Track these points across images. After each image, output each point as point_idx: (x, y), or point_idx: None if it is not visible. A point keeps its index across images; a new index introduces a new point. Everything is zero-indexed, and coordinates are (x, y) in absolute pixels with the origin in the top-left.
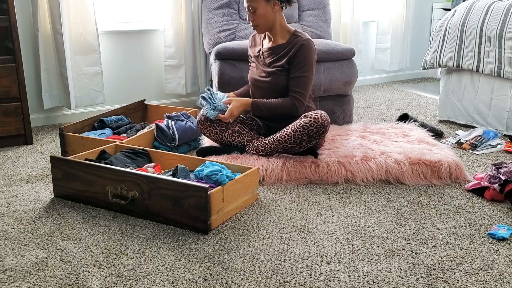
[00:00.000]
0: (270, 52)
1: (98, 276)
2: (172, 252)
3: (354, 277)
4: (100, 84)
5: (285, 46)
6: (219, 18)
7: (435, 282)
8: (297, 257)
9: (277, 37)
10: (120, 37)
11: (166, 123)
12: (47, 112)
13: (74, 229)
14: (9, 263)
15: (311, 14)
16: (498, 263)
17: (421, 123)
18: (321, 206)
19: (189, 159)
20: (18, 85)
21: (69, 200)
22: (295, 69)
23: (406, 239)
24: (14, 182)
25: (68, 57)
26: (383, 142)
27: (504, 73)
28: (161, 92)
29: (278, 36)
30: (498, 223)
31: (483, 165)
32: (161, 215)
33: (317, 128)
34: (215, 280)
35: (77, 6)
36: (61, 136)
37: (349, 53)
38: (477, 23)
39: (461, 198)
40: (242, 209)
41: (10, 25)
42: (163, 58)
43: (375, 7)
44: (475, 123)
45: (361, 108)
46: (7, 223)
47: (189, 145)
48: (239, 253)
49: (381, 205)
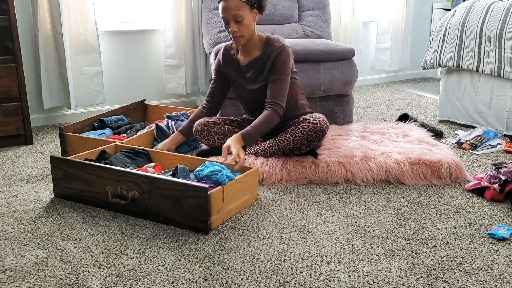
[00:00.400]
0: (249, 67)
1: (98, 276)
2: (172, 252)
3: (354, 277)
4: (100, 84)
5: (261, 57)
6: (219, 18)
7: (435, 282)
8: (297, 257)
9: (252, 49)
10: (120, 37)
11: (166, 123)
12: (47, 112)
13: (74, 229)
14: (9, 263)
15: (311, 14)
16: (498, 263)
17: (421, 123)
18: (321, 206)
19: (189, 159)
20: (18, 85)
21: (69, 200)
22: (272, 74)
23: (406, 239)
24: (14, 182)
25: (68, 57)
26: (383, 142)
27: (504, 73)
28: (161, 92)
29: (253, 47)
30: (498, 223)
31: (483, 165)
32: (161, 215)
33: (316, 133)
34: (215, 280)
35: (77, 6)
36: (61, 136)
37: (349, 53)
38: (477, 23)
39: (461, 198)
40: (242, 209)
41: (10, 25)
42: (163, 58)
43: (375, 7)
44: (475, 123)
45: (361, 108)
46: (7, 223)
47: (189, 145)
48: (239, 253)
49: (381, 205)
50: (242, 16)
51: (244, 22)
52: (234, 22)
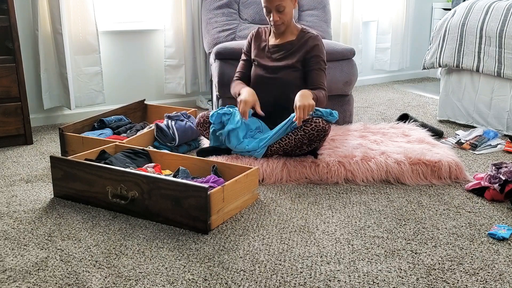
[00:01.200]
0: (279, 48)
1: (98, 276)
2: (172, 252)
3: (354, 277)
4: (100, 84)
5: (295, 43)
6: (219, 18)
7: (435, 282)
8: (297, 257)
9: (288, 33)
10: (120, 37)
11: (166, 123)
12: (47, 112)
13: (74, 229)
14: (9, 263)
15: (311, 14)
16: (498, 263)
17: (421, 123)
18: (321, 206)
19: (189, 159)
20: (18, 85)
21: (69, 200)
22: (314, 64)
23: (406, 239)
24: (14, 182)
25: (68, 57)
26: (383, 142)
27: (504, 73)
28: (161, 92)
29: (289, 33)
30: (498, 223)
31: (483, 165)
32: (161, 215)
33: (318, 132)
34: (215, 280)
35: (77, 6)
36: (61, 136)
37: (349, 53)
38: (477, 23)
39: (461, 198)
40: (242, 209)
41: (10, 25)
42: (163, 58)
43: (375, 7)
44: (475, 123)
45: (361, 108)
46: (7, 223)
47: (189, 145)
48: (239, 253)
49: (381, 205)
50: (284, 6)
51: (286, 11)
52: (276, 12)
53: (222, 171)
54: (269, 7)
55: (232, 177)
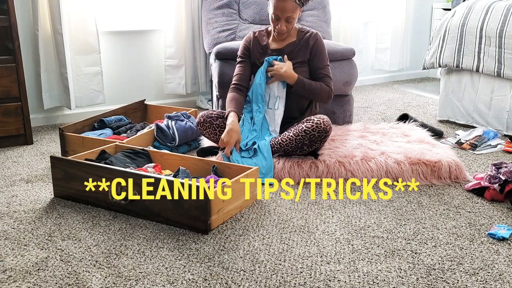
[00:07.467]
0: (282, 51)
1: (98, 276)
2: (172, 252)
3: (354, 277)
4: (100, 84)
5: (297, 43)
6: (219, 18)
7: (435, 282)
8: (297, 257)
9: (289, 36)
10: (120, 37)
11: (166, 123)
12: (47, 112)
13: (74, 229)
14: (9, 263)
15: (311, 14)
16: (498, 263)
17: (421, 123)
18: (321, 206)
19: (189, 159)
20: (18, 85)
21: (69, 200)
22: (318, 61)
23: (406, 239)
24: (14, 182)
25: (68, 57)
26: (383, 142)
27: (504, 73)
28: (161, 92)
29: (289, 36)
30: (498, 223)
31: (483, 165)
32: (161, 215)
33: (319, 133)
34: (215, 280)
35: (77, 6)
36: (61, 136)
37: (349, 53)
38: (477, 23)
39: (461, 198)
40: (242, 209)
41: (10, 25)
42: (163, 58)
43: (375, 7)
44: (475, 123)
45: (361, 108)
46: (7, 223)
47: (189, 145)
48: (239, 253)
49: (381, 205)
50: (294, 17)
51: (293, 21)
52: (285, 22)
53: (222, 171)
54: (280, 17)
55: (232, 177)
